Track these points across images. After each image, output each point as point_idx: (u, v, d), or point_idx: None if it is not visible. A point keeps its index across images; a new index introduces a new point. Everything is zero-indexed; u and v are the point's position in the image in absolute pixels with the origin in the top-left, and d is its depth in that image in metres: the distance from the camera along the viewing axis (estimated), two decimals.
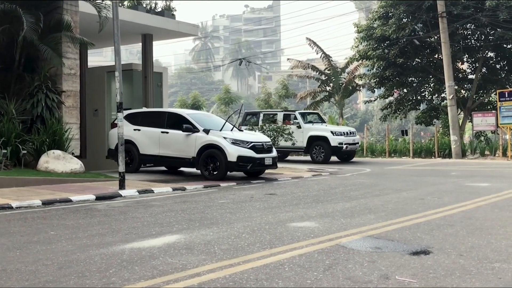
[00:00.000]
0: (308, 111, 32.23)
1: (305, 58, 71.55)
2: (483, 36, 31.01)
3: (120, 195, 12.48)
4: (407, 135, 32.61)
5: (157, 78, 22.59)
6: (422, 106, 36.51)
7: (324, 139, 24.24)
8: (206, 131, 16.22)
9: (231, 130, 16.90)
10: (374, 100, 36.53)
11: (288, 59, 40.22)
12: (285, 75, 48.03)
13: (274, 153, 16.92)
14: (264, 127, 22.58)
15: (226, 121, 17.59)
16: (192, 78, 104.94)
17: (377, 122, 65.93)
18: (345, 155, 25.22)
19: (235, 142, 15.93)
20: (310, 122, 25.62)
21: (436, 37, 29.89)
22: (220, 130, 16.35)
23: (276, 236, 7.50)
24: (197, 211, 9.92)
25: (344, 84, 38.44)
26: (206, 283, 5.27)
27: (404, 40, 30.58)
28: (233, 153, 15.71)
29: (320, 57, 38.30)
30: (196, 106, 43.09)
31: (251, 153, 15.94)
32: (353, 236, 7.48)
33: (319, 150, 24.31)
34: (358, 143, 25.82)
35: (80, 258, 6.28)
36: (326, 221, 8.67)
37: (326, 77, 39.08)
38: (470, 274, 5.60)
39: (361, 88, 40.22)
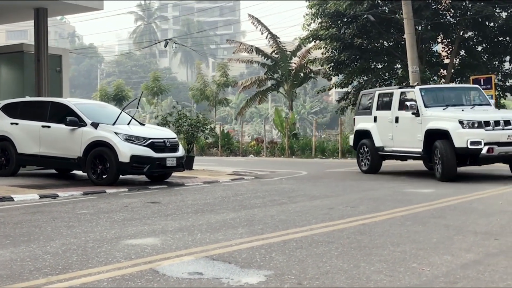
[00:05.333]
0: (456, 85, 23.46)
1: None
2: (458, 12, 30.32)
3: None
4: None
5: (55, 62, 21.60)
6: None
7: (444, 135, 16.21)
8: (95, 125, 15.39)
9: (128, 123, 16.10)
10: (329, 90, 35.62)
11: (227, 40, 39.32)
12: (244, 61, 47.29)
13: (181, 152, 16.18)
14: (181, 120, 21.17)
15: (122, 111, 16.81)
16: (133, 66, 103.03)
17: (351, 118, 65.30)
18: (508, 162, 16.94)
19: (129, 139, 15.14)
20: (454, 105, 17.32)
21: (402, 13, 29.21)
22: (113, 124, 15.54)
23: (86, 257, 6.78)
24: (30, 225, 9.16)
25: (294, 70, 37.62)
26: None
27: (365, 16, 29.86)
28: (125, 152, 14.92)
29: (266, 37, 37.31)
30: (119, 97, 41.90)
31: (148, 152, 15.18)
32: (186, 256, 6.78)
33: (438, 155, 16.27)
34: None
35: None
36: (176, 237, 7.98)
37: (274, 62, 38.30)
38: None
39: (315, 75, 39.12)
